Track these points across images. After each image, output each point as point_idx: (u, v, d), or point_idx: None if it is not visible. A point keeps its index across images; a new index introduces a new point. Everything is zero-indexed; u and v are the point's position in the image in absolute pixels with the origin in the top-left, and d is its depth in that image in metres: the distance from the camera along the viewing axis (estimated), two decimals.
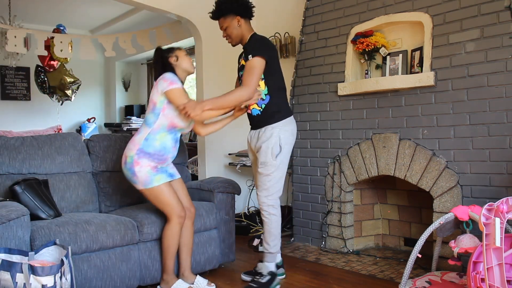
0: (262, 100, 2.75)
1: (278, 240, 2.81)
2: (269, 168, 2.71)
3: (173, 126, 2.57)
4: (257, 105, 2.77)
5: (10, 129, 6.00)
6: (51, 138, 2.99)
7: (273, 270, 2.78)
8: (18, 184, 2.54)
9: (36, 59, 5.91)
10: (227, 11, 2.73)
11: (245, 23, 2.79)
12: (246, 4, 2.77)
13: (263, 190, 2.75)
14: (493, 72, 2.65)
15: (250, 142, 2.88)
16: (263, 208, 2.76)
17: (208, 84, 4.39)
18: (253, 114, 2.81)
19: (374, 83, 3.17)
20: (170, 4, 4.18)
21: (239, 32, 2.78)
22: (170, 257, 2.62)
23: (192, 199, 3.26)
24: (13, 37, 4.76)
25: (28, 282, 1.94)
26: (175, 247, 2.62)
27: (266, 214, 2.76)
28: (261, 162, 2.72)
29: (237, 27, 2.76)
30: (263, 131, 2.75)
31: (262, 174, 2.73)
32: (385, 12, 3.22)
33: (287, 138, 2.75)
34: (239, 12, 2.73)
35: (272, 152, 2.70)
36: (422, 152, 2.97)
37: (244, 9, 2.75)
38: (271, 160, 2.71)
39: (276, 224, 2.78)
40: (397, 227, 3.56)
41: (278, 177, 2.76)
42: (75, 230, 2.42)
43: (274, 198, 2.77)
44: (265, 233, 2.79)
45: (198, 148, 4.55)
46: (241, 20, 2.76)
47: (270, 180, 2.73)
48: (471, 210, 2.21)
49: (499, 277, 1.82)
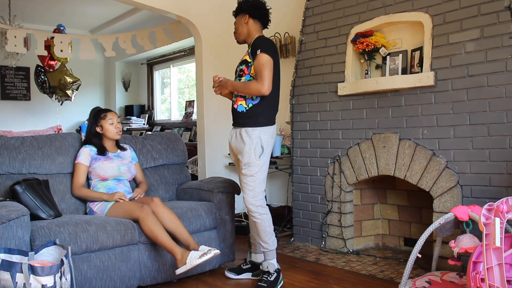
0: (251, 99, 2.76)
1: (274, 236, 2.82)
2: (253, 168, 2.72)
3: (104, 178, 2.95)
4: (245, 102, 2.77)
5: (10, 129, 6.00)
6: (51, 138, 2.99)
7: (278, 266, 2.80)
8: (18, 184, 2.54)
9: (36, 59, 5.91)
10: (241, 10, 2.87)
11: (254, 23, 2.84)
12: (258, 6, 2.85)
13: (249, 191, 2.75)
14: (493, 72, 2.65)
15: (231, 142, 2.89)
16: (252, 210, 2.75)
17: (208, 84, 4.39)
18: (237, 110, 2.81)
19: (374, 83, 3.17)
20: (170, 4, 4.18)
21: (244, 29, 2.84)
22: (165, 241, 2.59)
23: (192, 199, 3.28)
24: (13, 37, 4.77)
25: (28, 282, 1.94)
26: (161, 232, 2.60)
27: (257, 216, 2.76)
28: (244, 163, 2.73)
29: (244, 24, 2.84)
30: (244, 132, 2.76)
31: (247, 175, 2.74)
32: (385, 12, 3.22)
33: (267, 139, 2.77)
34: (249, 11, 2.82)
35: (255, 152, 2.72)
36: (422, 152, 2.97)
37: (254, 9, 2.83)
38: (255, 161, 2.72)
39: (268, 222, 2.79)
40: (397, 227, 3.56)
41: (263, 177, 2.77)
42: (75, 230, 2.43)
43: (261, 198, 2.77)
44: (260, 234, 2.78)
45: (198, 148, 4.55)
46: (249, 19, 2.83)
47: (254, 181, 2.73)
48: (471, 210, 2.21)
49: (499, 277, 1.82)
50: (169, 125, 6.89)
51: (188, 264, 2.48)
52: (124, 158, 3.08)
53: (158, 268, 2.72)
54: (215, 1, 4.44)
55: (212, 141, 4.44)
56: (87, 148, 2.98)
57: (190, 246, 2.64)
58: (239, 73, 2.83)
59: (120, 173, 2.99)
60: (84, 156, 2.95)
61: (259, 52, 2.68)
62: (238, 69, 2.87)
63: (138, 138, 3.43)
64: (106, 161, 2.97)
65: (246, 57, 2.80)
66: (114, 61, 7.56)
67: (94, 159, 2.96)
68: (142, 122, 7.27)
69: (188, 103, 6.54)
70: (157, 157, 3.42)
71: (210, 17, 4.41)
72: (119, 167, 3.00)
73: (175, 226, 2.69)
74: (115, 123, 3.04)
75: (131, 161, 3.13)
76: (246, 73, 2.78)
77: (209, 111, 4.43)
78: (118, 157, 3.05)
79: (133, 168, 3.11)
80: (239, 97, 2.81)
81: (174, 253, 2.55)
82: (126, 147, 3.19)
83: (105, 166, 2.94)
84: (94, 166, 2.94)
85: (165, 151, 3.47)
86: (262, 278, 2.74)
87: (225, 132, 4.38)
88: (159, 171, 3.42)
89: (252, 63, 2.75)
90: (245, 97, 2.78)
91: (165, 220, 2.69)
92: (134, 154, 3.21)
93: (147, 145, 3.40)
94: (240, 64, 2.85)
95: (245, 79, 2.77)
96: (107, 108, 3.12)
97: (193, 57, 5.59)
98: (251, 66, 2.76)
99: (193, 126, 6.15)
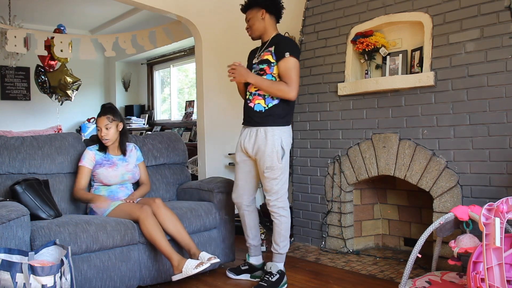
0: (271, 99, 2.72)
1: (288, 241, 2.81)
2: (276, 171, 2.70)
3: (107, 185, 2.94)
4: (264, 102, 2.73)
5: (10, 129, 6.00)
6: (51, 138, 2.99)
7: (283, 269, 2.79)
8: (18, 184, 2.54)
9: (36, 59, 5.91)
10: (254, 3, 2.77)
11: (270, 18, 2.78)
12: (275, 0, 2.78)
13: (273, 194, 2.74)
14: (493, 72, 2.65)
15: (243, 142, 2.81)
16: (274, 211, 2.75)
17: (208, 84, 4.39)
18: (254, 109, 2.75)
19: (374, 83, 3.17)
20: (170, 4, 4.18)
21: (261, 25, 2.78)
22: (163, 246, 2.57)
23: (192, 199, 3.27)
24: (13, 37, 4.76)
25: (28, 282, 1.94)
26: (160, 236, 2.58)
27: (276, 216, 2.76)
28: (266, 167, 2.69)
29: (260, 19, 2.77)
30: (262, 133, 2.71)
31: (269, 178, 2.71)
32: (385, 12, 3.22)
33: (287, 139, 2.74)
34: (265, 5, 2.75)
35: (277, 155, 2.68)
36: (422, 152, 2.97)
37: (271, 3, 2.76)
38: (277, 164, 2.69)
39: (285, 226, 2.77)
40: (397, 227, 3.56)
41: (285, 179, 2.76)
42: (75, 230, 2.42)
43: (284, 200, 2.76)
44: (274, 234, 2.79)
45: (198, 148, 4.55)
46: (265, 14, 2.76)
47: (277, 184, 2.72)
48: (471, 210, 2.21)
49: (499, 277, 1.82)
50: (169, 125, 6.89)
51: (184, 273, 2.48)
52: (129, 162, 3.03)
53: (158, 268, 2.72)
54: (215, 1, 4.44)
55: (212, 141, 4.44)
56: (92, 151, 2.94)
57: (191, 250, 2.63)
58: (259, 72, 2.75)
59: (124, 180, 2.98)
60: (88, 159, 2.91)
61: (288, 56, 2.64)
62: (258, 67, 2.77)
63: (138, 137, 3.43)
64: (111, 168, 2.93)
65: (268, 56, 2.73)
66: (114, 61, 7.56)
67: (99, 164, 2.92)
68: (142, 122, 7.27)
69: (188, 103, 6.54)
70: (158, 156, 3.42)
71: (210, 17, 4.41)
72: (123, 175, 2.96)
73: (177, 230, 2.68)
74: (101, 130, 2.92)
75: (136, 164, 3.08)
76: (267, 72, 2.72)
77: (209, 111, 4.42)
78: (123, 161, 3.00)
79: (137, 173, 3.07)
80: (257, 95, 2.74)
81: (171, 259, 2.54)
82: (131, 146, 3.11)
83: (109, 175, 2.91)
84: (97, 171, 2.91)
85: (165, 150, 3.47)
86: (263, 278, 2.74)
87: (225, 132, 4.39)
88: (160, 171, 3.42)
89: (275, 64, 2.70)
90: (264, 96, 2.72)
91: (166, 222, 2.67)
92: (139, 153, 3.14)
93: (147, 144, 3.40)
94: (260, 63, 2.77)
95: (265, 78, 2.72)
96: (101, 111, 2.98)
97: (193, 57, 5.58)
98: (273, 67, 2.70)
99: (193, 126, 6.15)
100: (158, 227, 2.61)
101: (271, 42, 2.77)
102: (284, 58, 2.66)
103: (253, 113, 2.76)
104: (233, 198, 2.97)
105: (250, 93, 2.80)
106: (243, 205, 2.92)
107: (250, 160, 2.84)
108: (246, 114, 2.83)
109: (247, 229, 2.95)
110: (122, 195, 2.94)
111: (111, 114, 2.95)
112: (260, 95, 2.74)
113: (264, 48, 2.80)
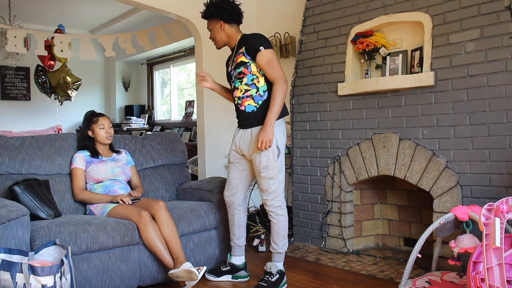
0: (259, 96, 2.73)
1: (286, 240, 2.81)
2: (273, 171, 2.70)
3: (99, 180, 2.95)
4: (253, 101, 2.74)
5: (10, 129, 6.00)
6: (51, 139, 2.99)
7: (282, 269, 2.79)
8: (17, 185, 2.54)
9: (36, 59, 5.91)
10: (211, 15, 2.79)
11: (230, 27, 2.79)
12: (230, 10, 2.76)
13: (269, 194, 2.74)
14: (493, 72, 2.65)
15: (238, 144, 2.83)
16: (271, 210, 2.76)
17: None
18: (246, 111, 2.76)
19: (374, 83, 3.17)
20: (170, 4, 4.18)
21: (222, 36, 2.80)
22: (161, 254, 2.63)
23: (192, 199, 3.27)
24: (13, 37, 4.77)
25: (28, 282, 1.94)
26: (158, 246, 2.62)
27: (274, 215, 2.76)
28: (263, 167, 2.70)
29: (220, 31, 2.79)
30: (257, 132, 2.72)
31: (266, 177, 2.71)
32: (385, 12, 3.22)
33: (281, 138, 2.74)
34: (222, 17, 2.76)
35: (273, 154, 2.69)
36: (422, 152, 2.97)
37: (227, 14, 2.75)
38: (273, 163, 2.69)
39: (283, 225, 2.78)
40: (397, 227, 3.56)
41: (281, 178, 2.76)
42: (75, 230, 2.42)
43: (281, 199, 2.76)
44: (272, 234, 2.79)
45: (198, 148, 4.55)
46: (224, 25, 2.77)
47: (274, 183, 2.72)
48: (471, 210, 2.21)
49: (499, 277, 1.82)
50: (169, 125, 6.89)
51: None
52: (118, 161, 3.08)
53: (158, 268, 2.72)
54: None
55: (212, 141, 4.44)
56: (81, 153, 2.99)
57: (179, 259, 2.63)
58: (238, 76, 2.75)
59: (115, 175, 2.98)
60: (79, 161, 2.95)
61: (263, 49, 2.65)
62: (236, 72, 2.76)
63: (137, 138, 3.43)
64: (100, 163, 2.98)
65: (241, 58, 2.72)
66: (114, 61, 7.56)
67: (89, 162, 2.97)
68: (142, 122, 7.27)
69: (188, 103, 6.54)
70: (156, 157, 3.42)
71: None
72: (113, 169, 3.00)
73: (171, 237, 2.68)
74: (106, 128, 3.01)
75: (126, 163, 3.12)
76: (246, 73, 2.72)
77: (209, 111, 4.42)
78: (112, 160, 3.06)
79: (128, 170, 3.09)
80: (246, 98, 2.75)
81: (167, 265, 2.64)
82: (121, 150, 3.19)
83: (99, 169, 2.94)
84: (88, 169, 2.95)
85: (165, 151, 3.47)
86: (263, 278, 2.73)
87: (225, 132, 4.39)
88: (159, 171, 3.42)
89: (251, 62, 2.70)
90: (252, 95, 2.74)
91: (163, 226, 2.68)
92: (129, 157, 3.20)
93: (146, 145, 3.40)
94: (236, 67, 2.76)
95: (247, 79, 2.72)
96: (99, 113, 3.10)
97: (193, 57, 5.59)
98: (250, 66, 2.71)
99: (193, 126, 6.15)
100: (157, 236, 2.64)
101: (239, 45, 2.77)
102: (260, 52, 2.66)
103: (246, 115, 2.78)
104: (225, 196, 2.96)
105: (238, 97, 2.79)
106: (235, 203, 2.91)
107: (244, 160, 2.85)
108: (239, 118, 2.85)
109: (235, 228, 2.93)
110: (118, 189, 2.94)
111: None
112: (248, 96, 2.75)
113: (235, 52, 2.81)
